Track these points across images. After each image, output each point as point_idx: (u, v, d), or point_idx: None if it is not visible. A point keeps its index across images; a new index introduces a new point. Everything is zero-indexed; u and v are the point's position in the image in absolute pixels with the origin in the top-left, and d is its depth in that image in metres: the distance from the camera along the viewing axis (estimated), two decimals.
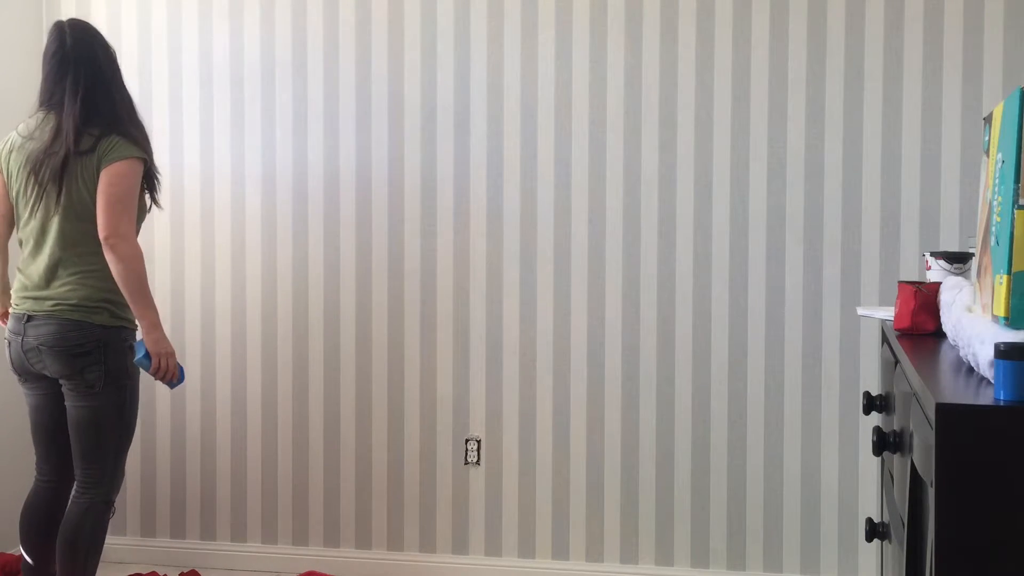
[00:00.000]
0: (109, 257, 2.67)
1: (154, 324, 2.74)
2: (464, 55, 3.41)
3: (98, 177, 2.70)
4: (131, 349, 2.79)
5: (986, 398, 1.23)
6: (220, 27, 3.57)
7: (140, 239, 3.62)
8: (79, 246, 2.74)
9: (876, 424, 1.98)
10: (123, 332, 2.78)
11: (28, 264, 2.80)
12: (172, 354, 2.79)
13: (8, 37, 3.53)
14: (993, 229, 1.47)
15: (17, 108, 3.56)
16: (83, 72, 2.75)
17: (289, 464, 3.60)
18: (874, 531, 2.05)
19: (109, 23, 3.63)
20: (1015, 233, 1.35)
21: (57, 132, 2.74)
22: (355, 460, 3.54)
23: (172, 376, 2.80)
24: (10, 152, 2.82)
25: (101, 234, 2.67)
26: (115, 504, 2.88)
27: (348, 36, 3.48)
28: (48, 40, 2.81)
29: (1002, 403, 1.19)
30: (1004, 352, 1.20)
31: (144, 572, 3.51)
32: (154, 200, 2.91)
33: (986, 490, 1.16)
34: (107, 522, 2.85)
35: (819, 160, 3.22)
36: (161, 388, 3.64)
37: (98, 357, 2.72)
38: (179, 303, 3.63)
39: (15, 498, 3.54)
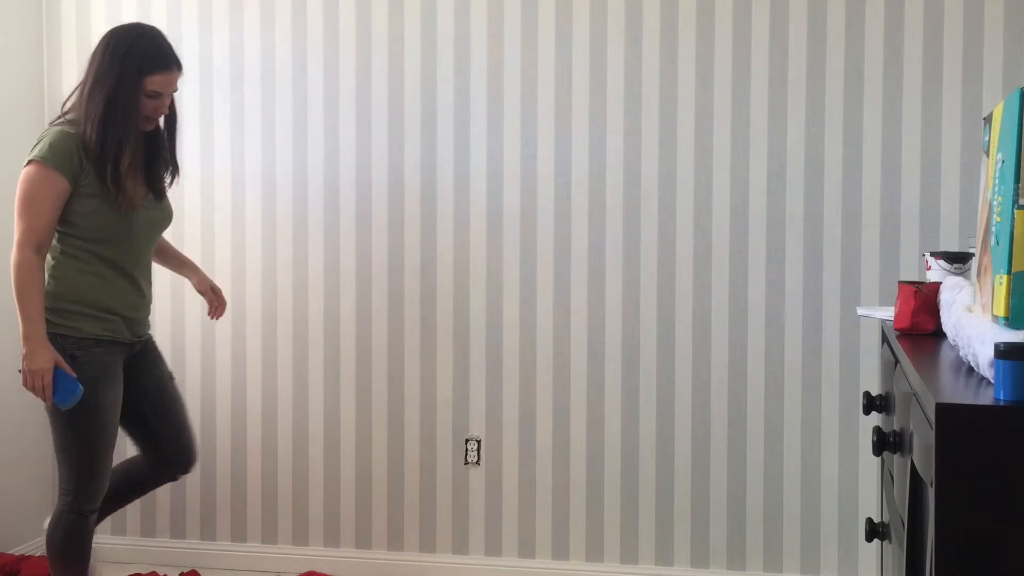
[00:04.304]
0: None
1: (27, 336, 2.56)
2: (464, 55, 3.41)
3: None
4: (73, 359, 2.64)
5: (986, 398, 1.23)
6: (220, 27, 3.57)
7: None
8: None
9: (876, 424, 1.98)
10: (60, 339, 2.63)
11: None
12: (39, 372, 2.54)
13: (8, 38, 3.53)
14: (993, 229, 1.47)
15: (17, 109, 3.56)
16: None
17: (289, 464, 3.59)
18: (874, 531, 2.05)
19: (109, 23, 3.62)
20: (1015, 233, 1.35)
21: None
22: (355, 460, 3.54)
23: (43, 397, 2.57)
24: None
25: None
26: (90, 514, 2.76)
27: (348, 36, 3.48)
28: None
29: (1002, 403, 1.19)
30: (1004, 352, 1.20)
31: (144, 572, 3.51)
32: (118, 204, 2.69)
33: (986, 490, 1.16)
34: (81, 532, 2.75)
35: (819, 160, 3.22)
36: None
37: None
38: (179, 303, 3.63)
39: (15, 498, 3.54)
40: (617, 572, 3.38)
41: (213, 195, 3.59)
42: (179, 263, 3.15)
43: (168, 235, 3.63)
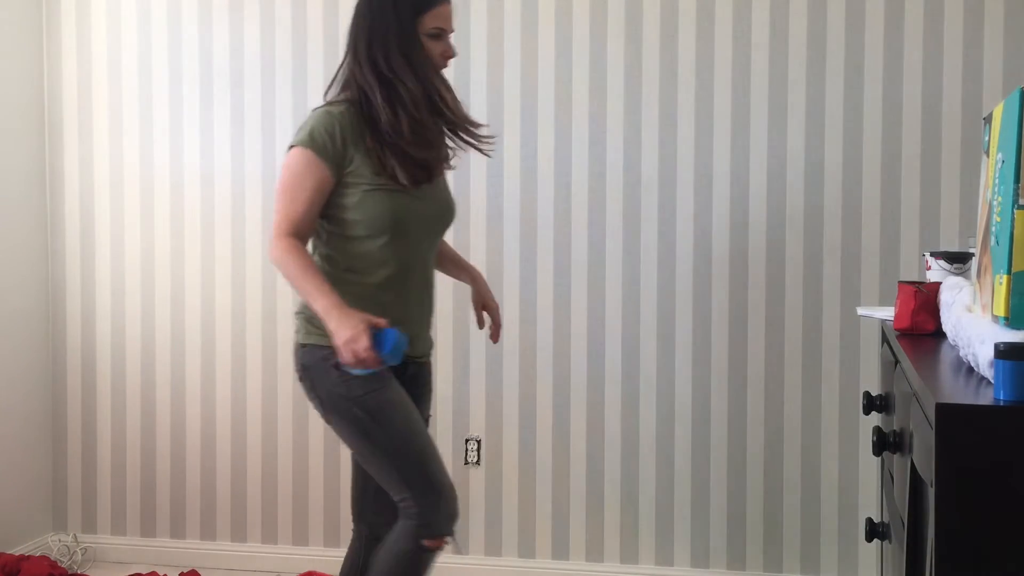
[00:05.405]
0: None
1: (325, 310, 2.19)
2: (464, 55, 3.40)
3: None
4: (336, 368, 2.25)
5: (986, 398, 1.23)
6: (220, 27, 3.57)
7: (138, 236, 3.63)
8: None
9: (876, 424, 1.98)
10: (321, 351, 2.28)
11: None
12: (351, 340, 2.15)
13: (8, 38, 3.53)
14: (993, 229, 1.47)
15: (17, 108, 3.56)
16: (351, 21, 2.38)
17: (289, 464, 3.59)
18: (874, 531, 2.05)
19: (108, 23, 3.63)
20: (1015, 233, 1.35)
21: None
22: None
23: (366, 364, 2.18)
24: None
25: None
26: (440, 538, 2.33)
27: None
28: None
29: (1002, 403, 1.19)
30: (1004, 352, 1.20)
31: (144, 572, 3.51)
32: (401, 181, 2.30)
33: (986, 490, 1.16)
34: (422, 568, 2.35)
35: (819, 160, 3.22)
36: (161, 388, 3.64)
37: (308, 385, 2.34)
38: (179, 303, 3.62)
39: (15, 499, 3.54)
40: (617, 572, 3.38)
41: (213, 195, 3.59)
42: (458, 268, 2.70)
43: (169, 235, 3.63)
